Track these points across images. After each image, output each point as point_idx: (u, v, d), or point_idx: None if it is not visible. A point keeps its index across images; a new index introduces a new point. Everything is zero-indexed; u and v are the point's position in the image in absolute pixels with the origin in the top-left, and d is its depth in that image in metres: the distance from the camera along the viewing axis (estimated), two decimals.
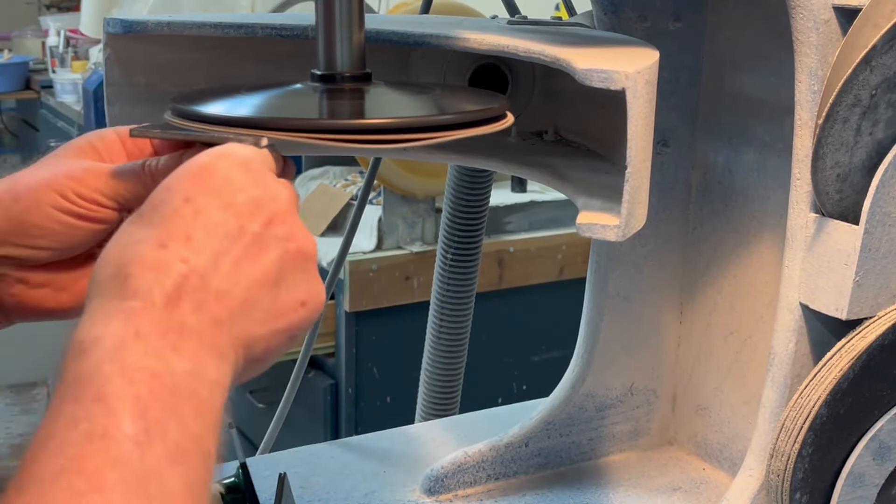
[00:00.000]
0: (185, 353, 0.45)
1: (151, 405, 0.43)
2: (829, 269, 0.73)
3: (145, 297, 0.46)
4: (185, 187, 0.50)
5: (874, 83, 0.68)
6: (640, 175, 0.65)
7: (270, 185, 0.52)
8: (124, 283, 0.46)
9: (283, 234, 0.51)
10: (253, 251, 0.50)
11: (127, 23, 0.76)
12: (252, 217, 0.50)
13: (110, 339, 0.44)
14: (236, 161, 0.52)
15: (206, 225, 0.49)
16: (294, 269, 0.51)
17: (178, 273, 0.47)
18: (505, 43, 0.70)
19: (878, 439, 0.74)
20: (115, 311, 0.45)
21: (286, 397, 1.13)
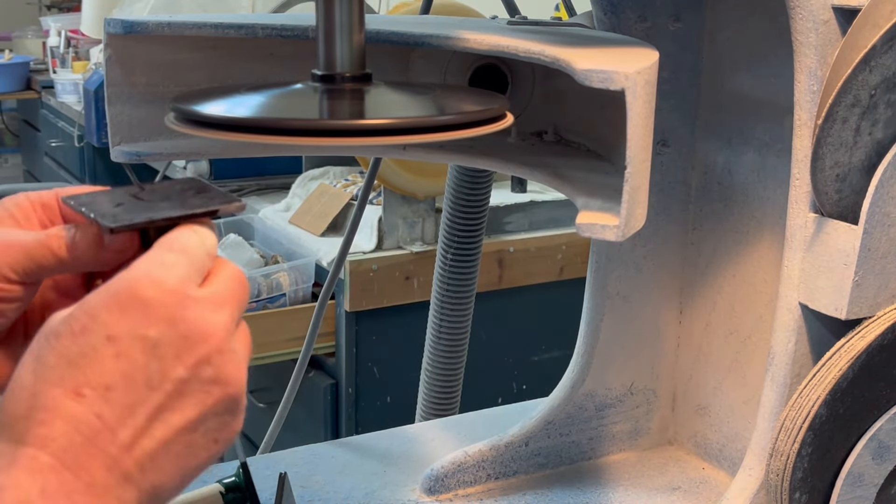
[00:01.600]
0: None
1: None
2: (829, 269, 0.73)
3: (54, 452, 0.44)
4: (109, 321, 0.46)
5: (873, 83, 0.69)
6: (639, 175, 0.65)
7: (202, 317, 0.48)
8: (33, 428, 0.44)
9: (209, 377, 0.48)
10: (173, 399, 0.47)
11: (127, 23, 0.76)
12: (177, 360, 0.47)
13: (14, 491, 0.43)
14: (167, 288, 0.47)
15: (127, 372, 0.46)
16: (216, 412, 0.48)
17: (91, 429, 0.45)
18: (505, 43, 0.70)
19: (877, 439, 0.74)
20: (21, 458, 0.44)
21: (286, 397, 1.13)
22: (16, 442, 0.44)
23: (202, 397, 0.48)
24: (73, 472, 0.44)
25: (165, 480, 0.48)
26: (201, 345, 0.47)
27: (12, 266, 0.54)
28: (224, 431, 0.49)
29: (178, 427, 0.47)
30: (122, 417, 0.45)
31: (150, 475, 0.47)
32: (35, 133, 4.43)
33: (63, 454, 0.44)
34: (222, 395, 0.48)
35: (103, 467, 0.45)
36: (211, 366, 0.48)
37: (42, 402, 0.45)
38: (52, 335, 0.47)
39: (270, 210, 2.49)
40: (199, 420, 0.48)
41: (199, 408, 0.48)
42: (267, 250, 2.38)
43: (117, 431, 0.45)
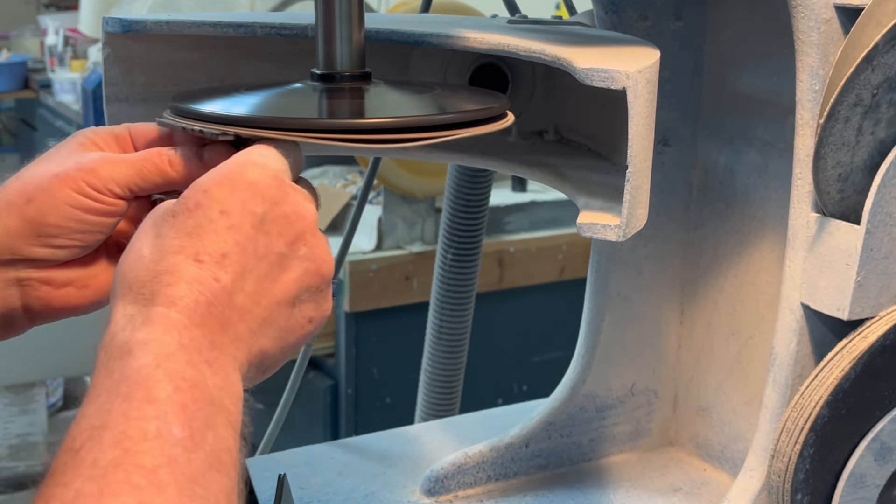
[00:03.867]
0: (216, 367, 0.48)
1: (195, 414, 0.45)
2: (831, 269, 0.72)
3: (182, 310, 0.47)
4: (221, 196, 0.51)
5: (876, 82, 0.68)
6: (640, 175, 0.65)
7: (298, 201, 0.53)
8: (160, 290, 0.48)
9: (305, 255, 0.53)
10: (276, 271, 0.51)
11: (126, 22, 0.75)
12: (280, 236, 0.52)
13: (157, 345, 0.46)
14: (270, 174, 0.52)
15: (239, 242, 0.50)
16: (310, 288, 0.53)
17: (211, 291, 0.49)
18: (505, 42, 0.70)
19: (879, 440, 0.74)
20: (155, 317, 0.47)
21: (286, 398, 1.13)
22: (145, 303, 0.48)
23: (299, 273, 0.53)
24: (200, 329, 0.48)
25: (270, 348, 0.52)
26: (298, 224, 0.53)
27: (119, 181, 0.58)
28: (317, 310, 0.54)
29: (280, 298, 0.52)
30: (235, 282, 0.50)
31: (258, 339, 0.51)
32: (33, 132, 4.43)
33: (190, 312, 0.48)
34: (316, 271, 0.53)
35: (220, 327, 0.49)
36: (306, 245, 0.53)
37: (165, 267, 0.48)
38: (167, 213, 0.51)
39: None
40: (296, 295, 0.53)
41: (297, 283, 0.53)
42: None
43: (232, 295, 0.50)
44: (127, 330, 0.47)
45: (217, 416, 0.46)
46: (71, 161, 0.58)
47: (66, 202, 0.57)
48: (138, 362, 0.45)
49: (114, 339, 0.47)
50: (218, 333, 0.48)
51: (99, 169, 0.58)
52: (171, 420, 0.44)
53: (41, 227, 0.57)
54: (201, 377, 0.46)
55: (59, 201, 0.57)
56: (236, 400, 0.48)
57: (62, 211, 0.57)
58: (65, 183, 0.57)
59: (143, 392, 0.44)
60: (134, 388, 0.44)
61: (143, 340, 0.46)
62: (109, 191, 0.58)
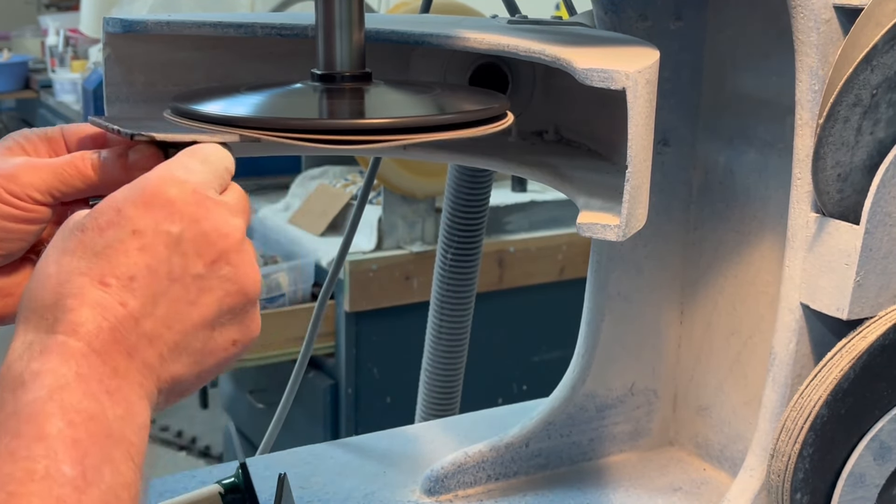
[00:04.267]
0: (117, 398, 0.45)
1: (89, 449, 0.43)
2: (830, 269, 0.73)
3: (83, 338, 0.45)
4: (135, 216, 0.48)
5: (875, 82, 0.68)
6: (640, 175, 0.65)
7: (221, 218, 0.50)
8: (62, 315, 0.46)
9: (226, 275, 0.50)
10: (193, 293, 0.49)
11: (126, 22, 0.75)
12: (198, 256, 0.49)
13: (51, 376, 0.44)
14: (190, 188, 0.50)
15: (150, 264, 0.48)
16: (233, 310, 0.50)
17: (116, 317, 0.46)
18: (505, 42, 0.70)
19: (878, 439, 0.74)
20: (53, 345, 0.45)
21: (286, 398, 1.13)
22: (46, 330, 0.46)
23: (220, 294, 0.50)
24: (101, 357, 0.46)
25: (184, 374, 0.49)
26: (220, 243, 0.50)
27: (39, 187, 0.55)
28: (242, 332, 0.51)
29: (198, 321, 0.49)
30: (144, 307, 0.47)
31: (169, 366, 0.48)
32: None
33: (91, 339, 0.45)
34: (238, 292, 0.50)
35: (125, 354, 0.46)
36: (229, 264, 0.50)
37: (69, 290, 0.46)
38: (76, 229, 0.48)
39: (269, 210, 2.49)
40: (216, 317, 0.50)
41: (217, 305, 0.50)
42: (266, 250, 2.38)
43: (140, 320, 0.47)
44: (24, 359, 0.45)
45: (116, 450, 0.44)
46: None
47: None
48: (30, 395, 0.43)
49: (10, 368, 0.45)
50: (123, 360, 0.46)
51: (19, 175, 0.55)
52: (61, 458, 0.42)
53: None
54: (99, 408, 0.44)
55: None
56: (139, 430, 0.46)
57: None
58: None
59: (34, 428, 0.42)
60: (24, 425, 0.42)
61: (37, 371, 0.44)
62: (30, 197, 0.55)
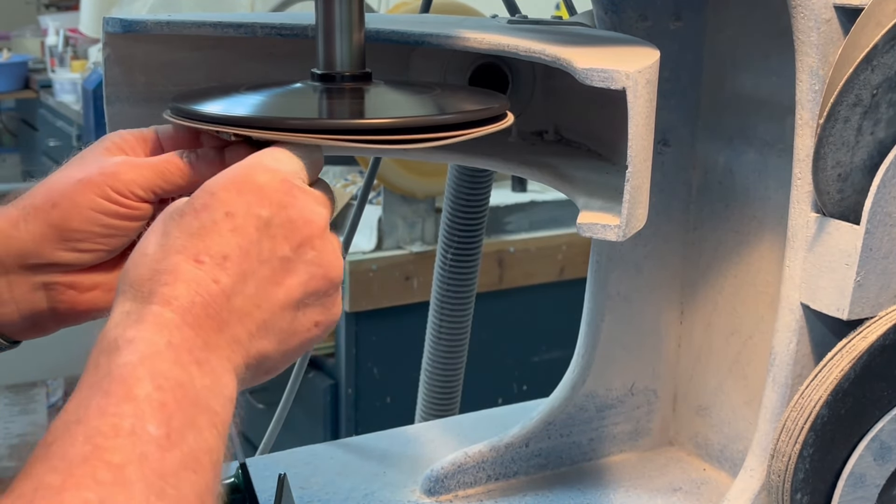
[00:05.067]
0: (205, 369, 0.47)
1: (175, 413, 0.45)
2: (830, 269, 0.72)
3: (177, 310, 0.48)
4: (228, 199, 0.51)
5: (875, 82, 0.68)
6: (640, 175, 0.65)
7: (307, 206, 0.53)
8: (158, 289, 0.48)
9: (311, 259, 0.52)
10: (280, 274, 0.51)
11: (126, 22, 0.75)
12: (285, 240, 0.51)
13: (144, 343, 0.46)
14: (279, 177, 0.52)
15: (242, 245, 0.50)
16: (316, 293, 0.53)
17: (209, 292, 0.49)
18: (505, 42, 0.70)
19: (879, 440, 0.74)
20: (148, 315, 0.47)
21: (286, 397, 1.13)
22: (142, 301, 0.48)
23: (304, 278, 0.52)
24: (194, 329, 0.48)
25: (270, 351, 0.52)
26: (305, 229, 0.52)
27: (142, 184, 0.58)
28: (324, 314, 0.54)
29: (284, 301, 0.52)
30: (235, 285, 0.50)
31: (256, 342, 0.51)
32: (33, 132, 4.42)
33: (185, 312, 0.48)
34: (322, 276, 0.53)
35: (216, 328, 0.49)
36: (314, 249, 0.53)
37: (165, 266, 0.49)
38: (175, 213, 0.51)
39: None
40: (300, 299, 0.52)
41: (302, 287, 0.52)
42: None
43: (231, 297, 0.49)
44: (120, 327, 0.47)
45: (200, 417, 0.46)
46: (95, 166, 0.59)
47: (89, 206, 0.58)
48: (123, 359, 0.45)
49: (106, 335, 0.47)
50: (213, 334, 0.48)
51: (121, 173, 0.58)
52: (147, 418, 0.44)
53: (66, 232, 0.58)
54: (188, 377, 0.46)
55: (82, 206, 0.58)
56: (225, 402, 0.48)
57: (86, 215, 0.58)
58: (88, 187, 0.58)
59: (123, 389, 0.44)
60: (115, 385, 0.44)
61: (131, 338, 0.46)
62: (133, 194, 0.58)
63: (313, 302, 0.53)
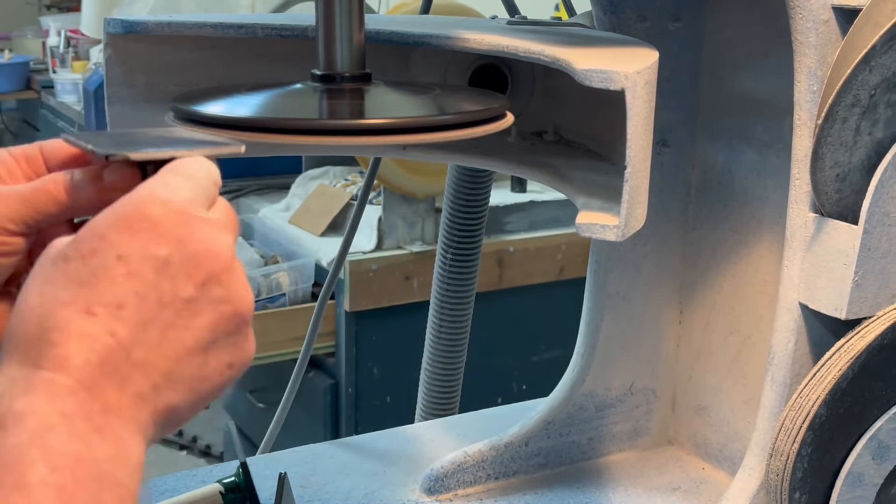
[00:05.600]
0: (107, 435, 0.43)
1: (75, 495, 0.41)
2: (829, 269, 0.73)
3: (70, 373, 0.43)
4: (119, 241, 0.46)
5: (873, 83, 0.69)
6: (639, 175, 0.65)
7: (210, 237, 0.48)
8: (47, 350, 0.44)
9: (218, 297, 0.48)
10: (185, 317, 0.47)
11: (127, 23, 0.76)
12: (188, 278, 0.47)
13: (34, 418, 0.42)
14: (175, 208, 0.47)
15: (139, 290, 0.45)
16: (227, 332, 0.48)
17: (105, 347, 0.44)
18: (505, 43, 0.70)
19: (877, 439, 0.74)
20: (38, 382, 0.43)
21: (286, 397, 1.13)
22: (31, 365, 0.43)
23: (213, 316, 0.47)
24: (91, 392, 0.43)
25: (179, 402, 0.47)
26: (210, 264, 0.47)
27: (11, 217, 0.52)
28: (237, 355, 0.49)
29: (191, 346, 0.47)
30: (134, 335, 0.45)
31: (163, 395, 0.46)
32: (35, 133, 4.43)
33: (80, 374, 0.43)
34: (232, 313, 0.48)
35: (116, 387, 0.44)
36: (221, 285, 0.48)
37: (54, 323, 0.44)
38: (59, 258, 0.46)
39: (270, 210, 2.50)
40: (210, 340, 0.48)
41: (211, 327, 0.47)
42: (266, 250, 2.38)
43: (130, 350, 0.45)
44: (6, 398, 0.42)
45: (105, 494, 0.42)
46: None
47: None
48: (12, 440, 0.41)
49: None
50: (114, 394, 0.44)
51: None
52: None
53: None
54: (87, 449, 0.42)
55: None
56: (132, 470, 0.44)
57: None
58: None
59: (14, 477, 0.40)
60: (4, 473, 0.40)
61: (19, 413, 0.42)
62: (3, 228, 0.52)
63: (224, 342, 0.48)
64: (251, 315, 0.49)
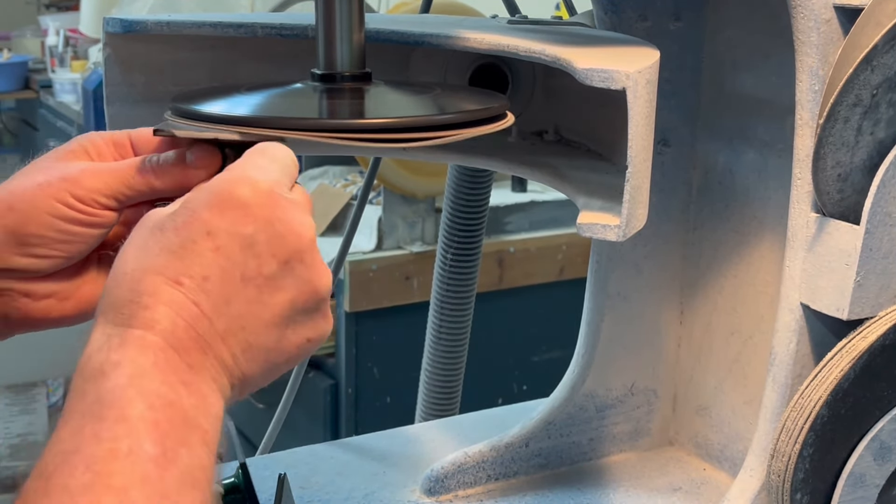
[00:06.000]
0: (192, 388, 0.47)
1: (168, 431, 0.45)
2: (830, 270, 0.73)
3: (159, 333, 0.47)
4: (209, 218, 0.49)
5: (875, 83, 0.68)
6: (640, 175, 0.65)
7: (295, 217, 0.51)
8: (138, 312, 0.47)
9: (300, 274, 0.51)
10: (266, 293, 0.50)
11: (126, 22, 0.75)
12: (272, 256, 0.50)
13: (130, 365, 0.45)
14: (264, 189, 0.50)
15: (224, 265, 0.49)
16: (305, 308, 0.51)
17: (190, 315, 0.48)
18: (505, 42, 0.70)
19: (878, 439, 0.74)
20: (130, 339, 0.46)
21: (286, 397, 1.13)
22: (123, 324, 0.47)
23: (293, 294, 0.50)
24: (178, 352, 0.47)
25: (255, 371, 0.51)
26: (295, 243, 0.50)
27: (104, 191, 0.56)
28: (315, 330, 0.52)
29: (270, 320, 0.50)
30: (217, 307, 0.48)
31: (241, 364, 0.50)
32: (34, 132, 4.43)
33: (167, 335, 0.47)
34: (312, 291, 0.51)
35: (200, 351, 0.48)
36: (302, 263, 0.51)
37: (145, 287, 0.48)
38: (156, 228, 0.50)
39: None
40: (289, 316, 0.51)
41: (291, 304, 0.51)
42: None
43: (213, 320, 0.48)
44: (103, 351, 0.46)
45: (192, 435, 0.46)
46: (56, 171, 0.57)
47: (47, 212, 0.56)
48: (111, 383, 0.45)
49: (89, 360, 0.46)
50: (198, 357, 0.48)
51: (83, 179, 0.56)
52: (142, 437, 0.44)
53: (22, 237, 0.56)
54: (176, 396, 0.46)
55: (40, 211, 0.56)
56: (213, 420, 0.48)
57: (43, 221, 0.56)
58: (47, 193, 0.56)
59: (116, 411, 0.44)
60: (106, 409, 0.44)
61: (117, 361, 0.46)
62: (95, 201, 0.56)
63: (302, 318, 0.51)
64: (329, 293, 0.53)
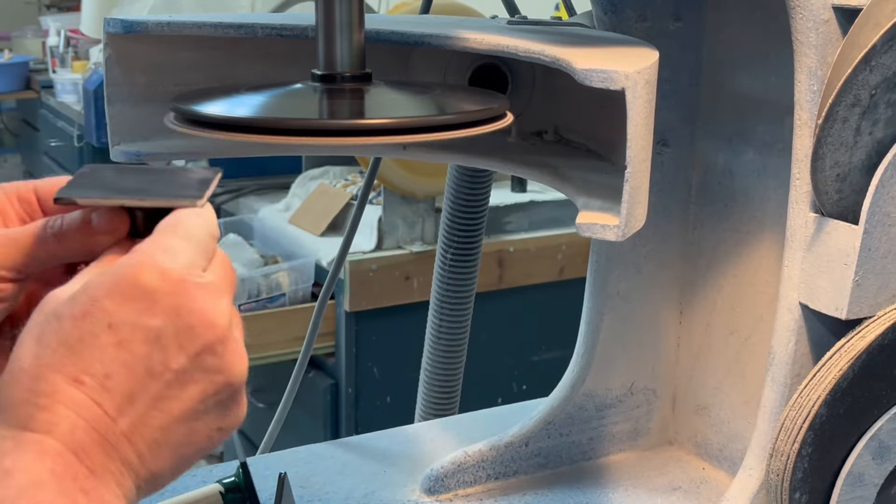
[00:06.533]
0: (92, 496, 0.44)
1: None
2: (829, 269, 0.73)
3: (59, 437, 0.44)
4: (111, 308, 0.45)
5: (874, 83, 0.69)
6: (639, 175, 0.65)
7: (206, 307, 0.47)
8: (36, 414, 0.44)
9: (212, 366, 0.47)
10: (175, 388, 0.46)
11: (127, 23, 0.76)
12: (180, 350, 0.46)
13: (24, 474, 0.42)
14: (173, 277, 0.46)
15: (127, 362, 0.45)
16: (218, 400, 0.48)
17: (92, 416, 0.44)
18: (505, 43, 0.70)
19: (877, 439, 0.74)
20: (27, 442, 0.43)
21: (286, 397, 1.13)
22: (19, 427, 0.44)
23: (204, 386, 0.47)
24: (77, 457, 0.44)
25: (164, 467, 0.47)
26: (206, 334, 0.47)
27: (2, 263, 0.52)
28: (227, 419, 0.49)
29: (179, 415, 0.47)
30: (120, 406, 0.45)
31: (148, 463, 0.46)
32: (34, 133, 4.43)
33: (67, 439, 0.44)
34: (224, 383, 0.48)
35: (103, 453, 0.45)
36: (215, 355, 0.47)
37: (42, 387, 0.44)
38: (53, 316, 0.46)
39: (270, 210, 2.50)
40: (201, 409, 0.47)
41: (201, 396, 0.47)
42: (266, 250, 2.38)
43: (117, 419, 0.45)
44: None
45: None
46: None
47: None
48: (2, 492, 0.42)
49: None
50: (100, 459, 0.44)
51: None
52: None
53: None
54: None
55: None
56: None
57: None
58: None
59: None
60: None
61: (8, 469, 0.42)
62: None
63: (214, 409, 0.48)
64: (244, 382, 0.49)
